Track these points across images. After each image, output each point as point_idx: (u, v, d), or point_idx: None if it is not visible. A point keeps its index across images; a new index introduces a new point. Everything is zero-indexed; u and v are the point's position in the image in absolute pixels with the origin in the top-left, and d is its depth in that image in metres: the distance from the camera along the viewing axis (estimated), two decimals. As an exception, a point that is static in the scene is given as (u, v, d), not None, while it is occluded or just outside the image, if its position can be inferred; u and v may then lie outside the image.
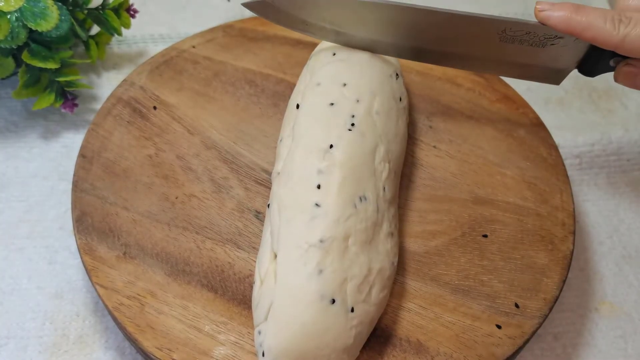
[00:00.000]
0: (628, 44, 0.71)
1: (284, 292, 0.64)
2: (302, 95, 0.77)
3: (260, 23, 0.99)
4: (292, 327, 0.62)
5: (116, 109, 0.86)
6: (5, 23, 0.84)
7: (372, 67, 0.80)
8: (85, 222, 0.75)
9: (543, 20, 0.74)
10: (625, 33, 0.71)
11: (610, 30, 0.71)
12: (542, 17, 0.74)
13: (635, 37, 0.71)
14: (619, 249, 0.89)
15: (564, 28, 0.73)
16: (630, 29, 0.71)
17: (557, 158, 0.85)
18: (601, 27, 0.71)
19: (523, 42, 0.77)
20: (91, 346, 0.76)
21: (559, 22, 0.73)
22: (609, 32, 0.71)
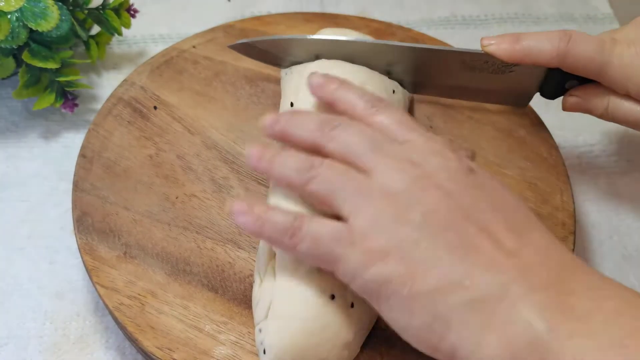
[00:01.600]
0: (569, 61, 0.76)
1: (283, 288, 0.64)
2: (295, 94, 0.78)
3: (261, 23, 0.99)
4: (292, 324, 0.62)
5: (116, 109, 0.86)
6: (5, 23, 0.84)
7: None
8: (85, 222, 0.75)
9: (490, 54, 0.78)
10: (564, 49, 0.75)
11: (549, 50, 0.76)
12: (489, 52, 0.79)
13: (573, 53, 0.75)
14: (619, 249, 0.89)
15: (509, 59, 0.78)
16: (570, 46, 0.75)
17: (558, 158, 0.85)
18: (540, 50, 0.76)
19: (483, 70, 0.81)
20: (92, 346, 0.76)
21: (503, 55, 0.78)
22: (548, 52, 0.76)
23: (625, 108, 0.77)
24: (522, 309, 0.52)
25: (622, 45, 0.75)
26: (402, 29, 1.01)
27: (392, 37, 0.99)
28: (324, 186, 0.61)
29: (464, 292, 0.53)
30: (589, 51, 0.75)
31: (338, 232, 0.58)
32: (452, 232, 0.56)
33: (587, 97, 0.80)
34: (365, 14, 1.13)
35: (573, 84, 0.81)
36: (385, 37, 0.99)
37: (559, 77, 0.80)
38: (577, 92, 0.81)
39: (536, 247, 0.56)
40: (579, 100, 0.81)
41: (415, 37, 0.99)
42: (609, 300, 0.52)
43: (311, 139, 0.64)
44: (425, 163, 0.59)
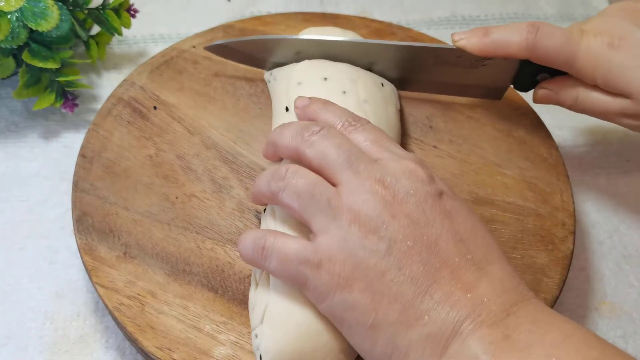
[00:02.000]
0: (537, 52, 0.77)
1: (278, 294, 0.64)
2: (287, 97, 0.78)
3: (260, 23, 0.99)
4: (288, 329, 0.62)
5: (116, 109, 0.86)
6: (5, 23, 0.84)
7: None
8: (85, 222, 0.75)
9: (461, 48, 0.80)
10: (532, 41, 0.77)
11: (518, 42, 0.77)
12: (459, 46, 0.80)
13: (541, 44, 0.76)
14: (619, 248, 0.89)
15: (480, 52, 0.80)
16: (538, 37, 0.76)
17: (558, 158, 0.85)
18: (509, 42, 0.78)
19: (457, 65, 0.83)
20: (92, 346, 0.76)
21: (474, 49, 0.80)
22: (517, 44, 0.77)
23: (593, 98, 0.79)
24: (472, 343, 0.54)
25: (589, 36, 0.76)
26: (402, 29, 1.01)
27: (392, 37, 0.99)
28: (293, 199, 0.62)
29: (422, 328, 0.56)
30: (557, 42, 0.76)
31: (304, 253, 0.60)
32: (416, 265, 0.57)
33: (557, 88, 0.81)
34: (365, 14, 1.13)
35: (544, 76, 0.82)
36: (385, 37, 0.99)
37: (531, 70, 0.82)
38: (547, 84, 0.82)
39: (493, 280, 0.58)
40: (549, 92, 0.82)
41: (415, 36, 0.99)
42: (550, 333, 0.54)
43: (293, 145, 0.66)
44: (396, 185, 0.60)
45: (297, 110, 0.74)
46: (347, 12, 1.14)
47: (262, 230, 0.65)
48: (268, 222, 0.68)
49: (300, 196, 0.62)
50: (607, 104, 0.78)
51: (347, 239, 0.59)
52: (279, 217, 0.67)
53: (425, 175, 0.62)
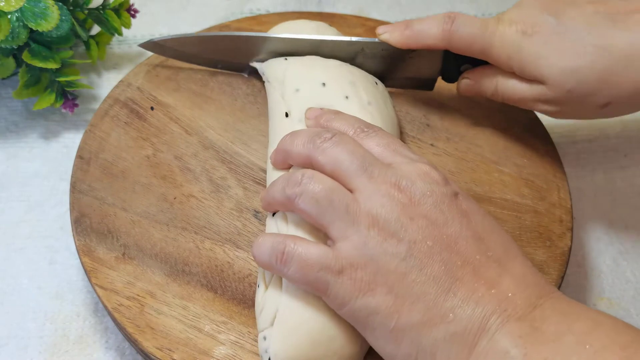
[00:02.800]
0: (454, 42, 0.79)
1: (291, 298, 0.63)
2: (287, 104, 0.78)
3: (256, 23, 0.99)
4: (300, 334, 0.62)
5: (113, 110, 0.86)
6: (5, 23, 0.85)
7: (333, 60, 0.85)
8: (83, 223, 0.76)
9: (384, 41, 0.82)
10: (448, 31, 0.78)
11: (435, 32, 0.79)
12: (383, 39, 0.82)
13: (457, 34, 0.78)
14: (616, 244, 0.89)
15: (402, 45, 0.82)
16: (454, 27, 0.78)
17: (555, 155, 0.85)
18: (427, 33, 0.80)
19: (385, 57, 0.85)
20: (91, 346, 0.77)
21: (396, 42, 0.82)
22: (434, 34, 0.79)
23: (511, 86, 0.80)
24: (500, 338, 0.54)
25: (504, 24, 0.77)
26: (399, 27, 1.01)
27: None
28: (311, 204, 0.62)
29: (447, 326, 0.56)
30: (472, 31, 0.78)
31: (326, 259, 0.60)
32: (437, 264, 0.57)
33: (478, 78, 0.83)
34: (363, 13, 1.13)
35: (467, 67, 0.84)
36: (382, 36, 0.99)
37: (454, 61, 0.84)
38: (468, 75, 0.84)
39: (515, 276, 0.58)
40: (471, 82, 0.84)
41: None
42: (579, 322, 0.54)
43: (305, 152, 0.66)
44: (412, 188, 0.61)
45: (309, 121, 0.74)
46: (345, 11, 1.14)
47: (279, 235, 0.65)
48: (279, 225, 0.68)
49: (318, 202, 0.62)
50: (524, 91, 0.79)
51: (367, 244, 0.59)
52: (291, 221, 0.67)
53: (439, 177, 0.62)
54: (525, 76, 0.78)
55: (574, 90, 0.74)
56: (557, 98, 0.76)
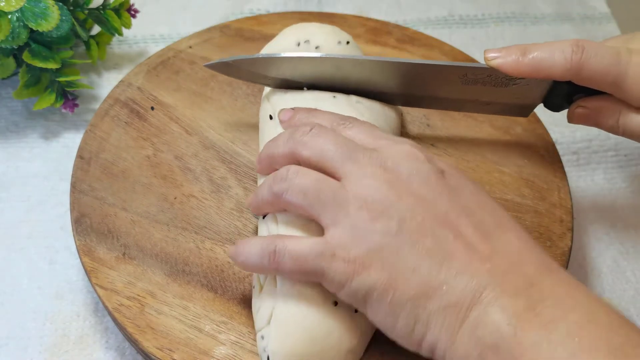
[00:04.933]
0: (584, 74, 0.71)
1: (286, 296, 0.64)
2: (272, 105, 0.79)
3: (256, 23, 0.99)
4: (297, 331, 0.62)
5: (114, 110, 0.86)
6: (6, 23, 0.85)
7: None
8: (84, 223, 0.76)
9: (495, 68, 0.74)
10: (577, 62, 0.71)
11: (562, 63, 0.71)
12: (493, 66, 0.74)
13: (589, 66, 0.71)
14: (616, 245, 0.89)
15: (517, 73, 0.74)
16: (584, 57, 0.71)
17: (555, 155, 0.86)
18: (551, 64, 0.72)
19: (486, 83, 0.78)
20: (92, 346, 0.77)
21: (510, 69, 0.73)
22: (561, 65, 0.71)
23: (637, 122, 0.74)
24: (493, 313, 0.54)
25: (639, 56, 0.71)
26: (398, 27, 1.01)
27: (389, 36, 0.99)
28: (299, 197, 0.63)
29: (441, 298, 0.56)
30: (605, 64, 0.71)
31: (318, 247, 0.60)
32: (429, 239, 0.58)
33: (597, 109, 0.76)
34: (362, 14, 1.13)
35: (580, 96, 0.77)
36: (382, 36, 0.99)
37: (567, 90, 0.77)
38: (585, 104, 0.77)
39: (510, 251, 0.58)
40: (587, 112, 0.76)
41: (411, 35, 0.99)
42: (573, 312, 0.53)
43: (287, 150, 0.66)
44: (398, 168, 0.61)
45: (283, 124, 0.74)
46: (345, 11, 1.14)
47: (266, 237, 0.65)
48: (270, 227, 0.68)
49: (306, 194, 0.62)
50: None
51: (357, 226, 0.59)
52: (281, 221, 0.67)
53: (423, 156, 0.62)
54: None
55: None
56: None
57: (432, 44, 0.99)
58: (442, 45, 0.99)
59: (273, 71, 0.79)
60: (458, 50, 0.98)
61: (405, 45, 0.99)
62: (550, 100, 0.80)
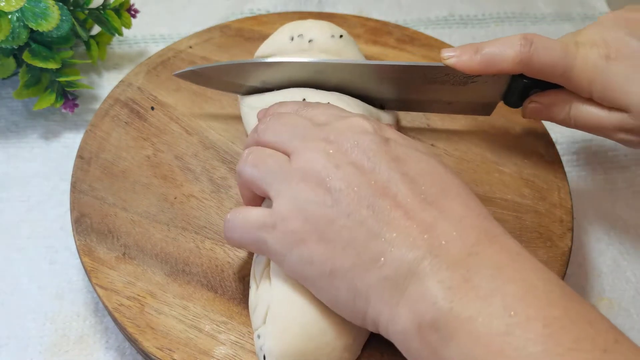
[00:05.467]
0: (533, 66, 0.74)
1: (280, 293, 0.64)
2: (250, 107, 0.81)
3: (257, 23, 0.99)
4: (292, 328, 0.62)
5: (114, 110, 0.86)
6: (6, 23, 0.85)
7: None
8: (84, 223, 0.76)
9: (451, 66, 0.77)
10: (527, 55, 0.74)
11: (512, 56, 0.74)
12: (449, 64, 0.77)
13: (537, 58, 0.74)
14: (616, 245, 0.89)
15: (473, 71, 0.76)
16: (533, 50, 0.73)
17: (555, 155, 0.86)
18: (502, 58, 0.75)
19: (445, 82, 0.80)
20: (92, 346, 0.77)
21: (464, 66, 0.76)
22: (511, 58, 0.74)
23: (588, 113, 0.76)
24: (430, 286, 0.53)
25: (585, 48, 0.74)
26: (399, 27, 1.01)
27: (389, 36, 0.99)
28: (251, 172, 0.64)
29: (379, 270, 0.56)
30: (553, 55, 0.74)
31: (262, 218, 0.61)
32: (365, 209, 0.57)
33: (548, 103, 0.79)
34: (363, 14, 1.14)
35: (536, 91, 0.79)
36: (382, 36, 0.99)
37: (522, 85, 0.79)
38: (537, 98, 0.79)
39: (453, 218, 0.56)
40: (540, 107, 0.79)
41: (411, 35, 1.00)
42: (512, 284, 0.52)
43: (253, 140, 0.68)
44: (340, 139, 0.61)
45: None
46: (345, 11, 1.14)
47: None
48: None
49: (256, 166, 0.64)
50: (602, 119, 0.75)
51: (296, 197, 0.60)
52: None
53: (370, 126, 0.62)
54: (606, 103, 0.74)
55: None
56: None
57: (432, 44, 0.99)
58: (442, 45, 0.99)
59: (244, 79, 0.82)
60: (458, 50, 0.98)
61: (405, 46, 0.99)
62: (509, 97, 0.81)
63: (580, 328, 0.50)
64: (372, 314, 0.57)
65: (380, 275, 0.55)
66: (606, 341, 0.49)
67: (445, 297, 0.52)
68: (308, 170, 0.60)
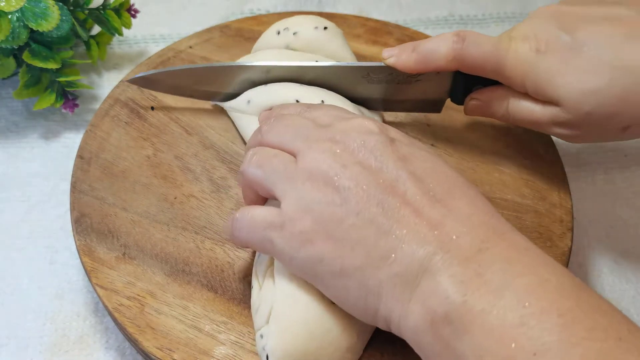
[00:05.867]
0: (466, 62, 0.75)
1: (284, 293, 0.64)
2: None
3: (256, 23, 0.99)
4: (295, 328, 0.62)
5: (114, 110, 0.86)
6: (6, 23, 0.85)
7: None
8: (84, 223, 0.76)
9: (392, 66, 0.78)
10: (459, 51, 0.75)
11: (445, 52, 0.75)
12: (389, 64, 0.79)
13: (469, 53, 0.75)
14: (616, 245, 0.89)
15: (411, 70, 0.78)
16: (465, 46, 0.75)
17: (555, 155, 0.85)
18: (437, 55, 0.76)
19: (390, 82, 0.81)
20: (92, 346, 0.77)
21: (404, 67, 0.78)
22: (444, 55, 0.76)
23: (523, 107, 0.76)
24: (442, 281, 0.53)
25: (517, 42, 0.74)
26: (399, 27, 1.01)
27: (389, 36, 0.99)
28: (256, 172, 0.64)
29: (389, 267, 0.56)
30: (484, 50, 0.74)
31: (270, 217, 0.61)
32: (374, 207, 0.57)
33: (487, 99, 0.79)
34: (363, 14, 1.13)
35: (478, 88, 0.80)
36: (382, 36, 0.99)
37: (465, 82, 0.80)
38: (477, 95, 0.80)
39: (461, 216, 0.57)
40: (480, 104, 0.80)
41: (411, 35, 0.99)
42: (523, 277, 0.52)
43: (256, 142, 0.68)
44: (346, 139, 0.61)
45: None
46: (345, 11, 1.14)
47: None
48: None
49: (261, 166, 0.64)
50: (537, 113, 0.75)
51: (303, 197, 0.60)
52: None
53: (375, 127, 0.63)
54: (539, 97, 0.74)
55: (593, 112, 0.71)
56: (573, 121, 0.73)
57: (432, 44, 0.99)
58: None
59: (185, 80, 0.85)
60: (458, 50, 0.98)
61: (405, 46, 0.99)
62: (454, 95, 0.83)
63: (593, 318, 0.50)
64: (383, 312, 0.57)
65: (391, 272, 0.56)
66: (619, 331, 0.50)
67: (458, 290, 0.52)
68: (315, 170, 0.60)
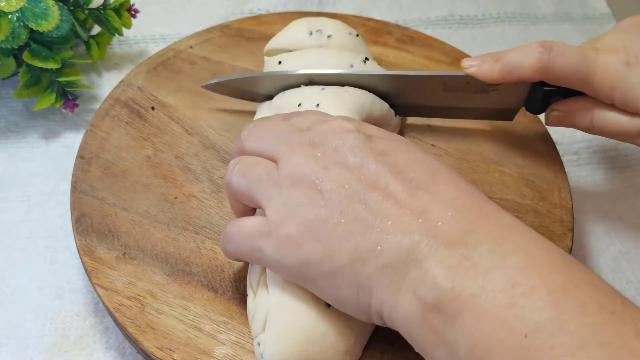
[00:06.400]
0: (552, 73, 0.74)
1: (278, 300, 0.64)
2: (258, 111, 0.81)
3: (257, 23, 0.99)
4: (292, 334, 0.62)
5: (114, 110, 0.86)
6: (6, 23, 0.85)
7: None
8: (84, 223, 0.76)
9: (472, 76, 0.78)
10: (546, 62, 0.73)
11: (531, 64, 0.74)
12: (470, 74, 0.78)
13: (556, 64, 0.73)
14: (616, 245, 0.89)
15: (494, 80, 0.77)
16: (552, 57, 0.73)
17: (555, 155, 0.86)
18: (522, 66, 0.75)
19: (466, 90, 0.80)
20: (92, 346, 0.77)
21: (484, 76, 0.77)
22: (530, 66, 0.74)
23: (610, 119, 0.76)
24: (430, 268, 0.53)
25: (605, 54, 0.73)
26: (399, 27, 1.01)
27: (389, 36, 0.99)
28: (240, 182, 0.64)
29: (376, 260, 0.56)
30: (572, 62, 0.73)
31: (257, 226, 0.62)
32: (357, 204, 0.57)
33: (571, 110, 0.78)
34: (363, 14, 1.13)
35: (558, 98, 0.79)
36: (382, 36, 0.99)
37: (544, 92, 0.79)
38: (559, 106, 0.79)
39: (445, 200, 0.56)
40: (562, 115, 0.79)
41: (411, 35, 0.99)
42: (512, 256, 0.52)
43: (237, 150, 0.68)
44: (325, 141, 0.61)
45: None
46: (345, 11, 1.14)
47: None
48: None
49: (245, 175, 0.64)
50: (625, 125, 0.75)
51: (287, 202, 0.60)
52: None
53: (352, 125, 0.63)
54: (628, 109, 0.74)
55: None
56: None
57: (432, 44, 0.99)
58: (442, 45, 0.99)
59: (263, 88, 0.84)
60: (458, 50, 0.98)
61: (405, 46, 0.99)
62: (531, 104, 0.81)
63: (585, 293, 0.50)
64: (375, 305, 0.57)
65: (379, 264, 0.55)
66: (613, 304, 0.49)
67: (446, 276, 0.52)
68: (297, 175, 0.60)
